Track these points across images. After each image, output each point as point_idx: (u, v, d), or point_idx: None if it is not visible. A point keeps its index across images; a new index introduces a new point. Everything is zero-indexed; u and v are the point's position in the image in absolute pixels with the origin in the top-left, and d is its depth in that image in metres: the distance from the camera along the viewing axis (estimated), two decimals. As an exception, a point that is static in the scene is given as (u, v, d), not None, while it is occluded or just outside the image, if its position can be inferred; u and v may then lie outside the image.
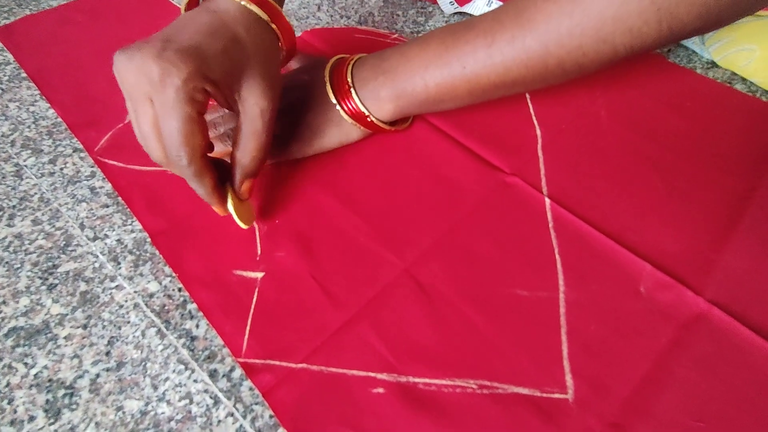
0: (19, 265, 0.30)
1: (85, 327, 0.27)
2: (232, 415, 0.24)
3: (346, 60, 0.35)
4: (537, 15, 0.28)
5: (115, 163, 0.35)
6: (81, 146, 0.37)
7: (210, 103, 0.26)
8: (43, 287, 0.29)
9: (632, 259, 0.29)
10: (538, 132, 0.37)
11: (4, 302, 0.28)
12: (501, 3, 0.46)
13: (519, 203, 0.32)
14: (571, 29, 0.27)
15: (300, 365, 0.26)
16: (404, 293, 0.28)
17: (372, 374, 0.25)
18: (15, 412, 0.24)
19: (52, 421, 0.24)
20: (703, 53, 0.43)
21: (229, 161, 0.29)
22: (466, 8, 0.47)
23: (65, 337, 0.27)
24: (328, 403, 0.24)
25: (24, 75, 0.43)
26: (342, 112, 0.33)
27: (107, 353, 0.26)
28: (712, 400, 0.24)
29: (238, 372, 0.26)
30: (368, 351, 0.26)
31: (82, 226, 0.32)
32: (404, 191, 0.33)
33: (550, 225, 0.31)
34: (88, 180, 0.35)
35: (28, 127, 0.38)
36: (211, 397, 0.25)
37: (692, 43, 0.43)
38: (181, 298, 0.29)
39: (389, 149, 0.36)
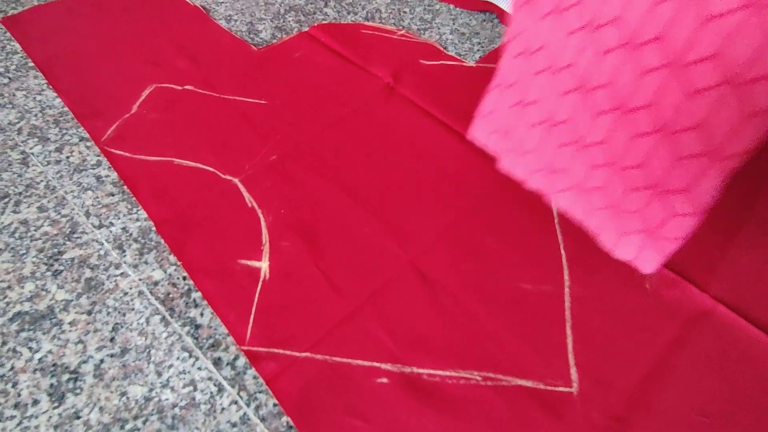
0: (24, 251, 0.30)
1: (89, 313, 0.27)
2: (236, 402, 0.24)
3: None
4: None
5: (121, 152, 0.35)
6: (87, 135, 0.37)
7: None
8: (48, 273, 0.29)
9: (637, 256, 0.29)
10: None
11: (9, 287, 0.28)
12: None
13: (524, 198, 0.32)
14: None
15: (304, 354, 0.26)
16: (408, 285, 0.28)
17: (376, 364, 0.25)
18: (19, 395, 0.24)
19: (56, 404, 0.24)
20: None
21: None
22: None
23: (70, 323, 0.27)
24: (333, 392, 0.24)
25: (31, 64, 0.43)
26: None
27: (111, 339, 0.26)
28: (716, 395, 0.24)
29: (242, 360, 0.26)
30: (372, 341, 0.26)
31: (87, 214, 0.32)
32: (409, 184, 0.33)
33: (556, 220, 0.31)
34: (94, 169, 0.35)
35: (35, 115, 0.38)
36: (215, 385, 0.25)
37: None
38: (186, 287, 0.29)
39: (394, 143, 0.36)
